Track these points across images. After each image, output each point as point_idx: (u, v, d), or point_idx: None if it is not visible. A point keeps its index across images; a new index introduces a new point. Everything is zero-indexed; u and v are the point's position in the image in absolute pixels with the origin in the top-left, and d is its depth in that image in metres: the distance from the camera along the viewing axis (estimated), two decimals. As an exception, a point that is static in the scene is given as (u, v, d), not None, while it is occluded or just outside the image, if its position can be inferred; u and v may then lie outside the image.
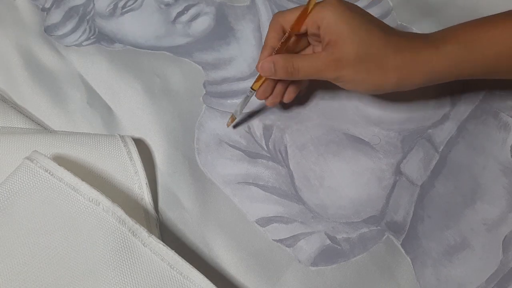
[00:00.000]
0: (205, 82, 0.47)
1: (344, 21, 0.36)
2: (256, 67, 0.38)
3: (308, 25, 0.37)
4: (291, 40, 0.39)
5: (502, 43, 0.36)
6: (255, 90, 0.41)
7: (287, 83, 0.41)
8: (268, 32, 0.40)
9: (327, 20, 0.36)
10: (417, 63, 0.36)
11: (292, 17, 0.38)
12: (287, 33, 0.38)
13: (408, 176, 0.42)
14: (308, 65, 0.37)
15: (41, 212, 0.34)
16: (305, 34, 0.39)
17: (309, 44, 0.41)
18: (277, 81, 0.40)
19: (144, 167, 0.40)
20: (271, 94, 0.41)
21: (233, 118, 0.43)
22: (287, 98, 0.42)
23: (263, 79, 0.40)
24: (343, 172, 0.42)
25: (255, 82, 0.40)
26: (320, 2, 0.36)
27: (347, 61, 0.36)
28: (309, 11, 0.37)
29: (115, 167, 0.40)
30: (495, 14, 0.38)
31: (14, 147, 0.40)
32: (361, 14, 0.36)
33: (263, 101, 0.42)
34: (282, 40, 0.38)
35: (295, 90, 0.41)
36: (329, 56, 0.36)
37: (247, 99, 0.42)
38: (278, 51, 0.38)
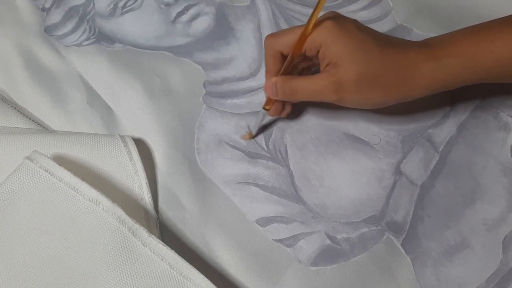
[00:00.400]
0: (205, 82, 0.47)
1: (341, 44, 0.35)
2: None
3: (306, 48, 0.37)
4: (295, 61, 0.38)
5: (504, 53, 0.36)
6: (267, 110, 0.41)
7: None
8: (265, 58, 0.40)
9: (324, 44, 0.36)
10: (418, 79, 0.36)
11: (286, 40, 0.38)
12: (289, 56, 0.37)
13: (408, 176, 0.42)
14: (307, 87, 0.37)
15: (41, 212, 0.34)
16: (304, 53, 0.38)
17: (311, 61, 0.41)
18: None
19: (144, 167, 0.40)
20: (283, 109, 0.41)
21: (250, 134, 0.43)
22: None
23: (273, 99, 0.40)
24: (343, 172, 0.42)
25: (266, 102, 0.41)
26: (316, 24, 0.36)
27: (349, 82, 0.36)
28: (308, 33, 0.36)
29: (115, 167, 0.40)
30: (493, 20, 0.38)
31: (14, 147, 0.40)
32: (357, 34, 0.36)
33: (263, 101, 0.42)
34: (285, 64, 0.38)
35: None
36: (330, 78, 0.36)
37: (260, 118, 0.42)
38: (282, 74, 0.38)
